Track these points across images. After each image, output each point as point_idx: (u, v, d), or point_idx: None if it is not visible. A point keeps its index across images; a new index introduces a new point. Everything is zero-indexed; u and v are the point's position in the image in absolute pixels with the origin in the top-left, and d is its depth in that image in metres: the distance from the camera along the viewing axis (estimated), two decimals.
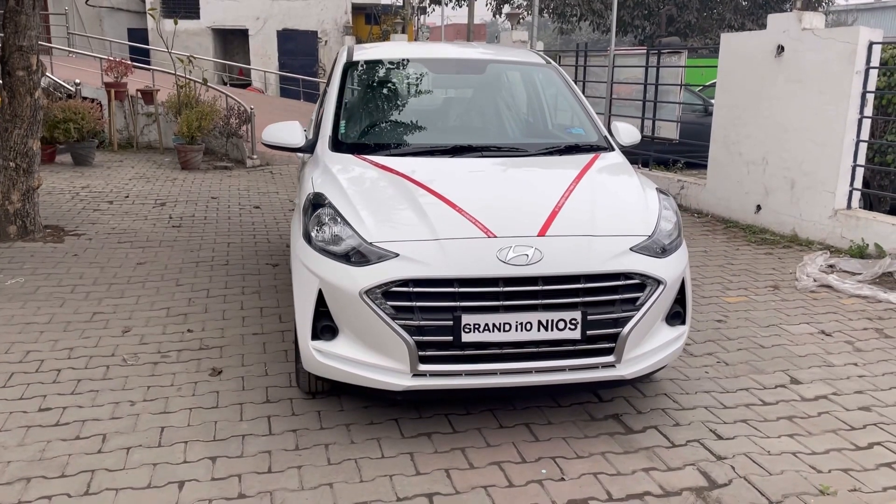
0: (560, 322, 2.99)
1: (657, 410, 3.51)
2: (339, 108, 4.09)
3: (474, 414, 3.42)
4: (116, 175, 9.92)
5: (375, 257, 3.01)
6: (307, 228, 3.27)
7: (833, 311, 5.01)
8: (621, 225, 3.26)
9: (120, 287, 5.19)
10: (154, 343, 4.21)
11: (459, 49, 5.06)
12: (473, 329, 2.95)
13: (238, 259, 5.97)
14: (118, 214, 7.52)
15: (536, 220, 3.16)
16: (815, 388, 3.81)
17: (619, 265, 3.09)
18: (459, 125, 4.45)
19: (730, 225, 7.56)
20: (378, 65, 4.65)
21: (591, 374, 3.13)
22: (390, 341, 2.96)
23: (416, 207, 3.22)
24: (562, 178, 3.58)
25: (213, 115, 10.93)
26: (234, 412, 3.41)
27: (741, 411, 3.53)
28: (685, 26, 23.26)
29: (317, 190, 3.43)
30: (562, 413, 3.46)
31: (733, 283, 5.60)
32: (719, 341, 4.41)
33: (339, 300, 3.04)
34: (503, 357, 3.03)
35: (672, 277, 3.21)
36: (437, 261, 2.97)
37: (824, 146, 6.64)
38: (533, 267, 2.99)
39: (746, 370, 4.00)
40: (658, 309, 3.20)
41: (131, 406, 3.46)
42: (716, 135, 7.91)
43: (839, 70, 6.46)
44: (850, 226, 6.47)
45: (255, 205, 8.29)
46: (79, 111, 10.38)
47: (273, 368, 3.89)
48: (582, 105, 4.36)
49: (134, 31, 22.06)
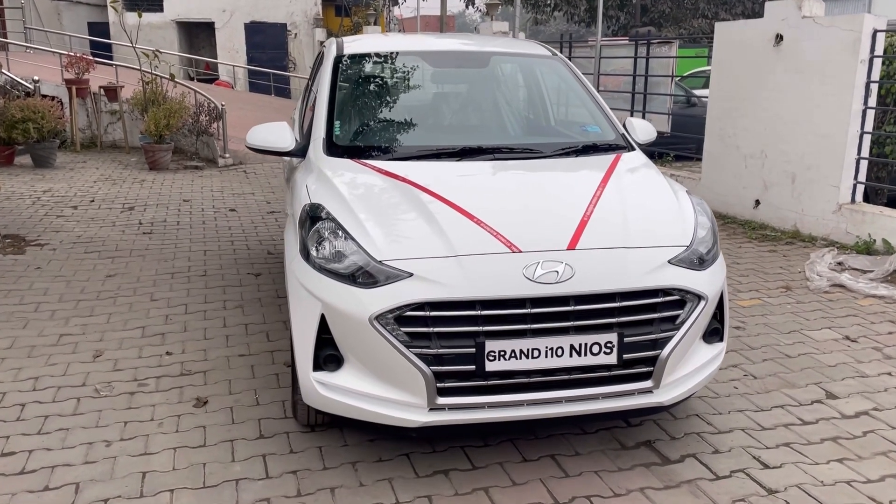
0: (595, 346, 2.67)
1: (692, 435, 3.21)
2: (331, 108, 3.67)
3: (493, 446, 3.08)
4: (80, 177, 9.38)
5: (385, 277, 2.65)
6: (305, 244, 2.89)
7: (852, 313, 4.76)
8: (657, 234, 2.94)
9: (89, 304, 4.75)
10: (129, 369, 3.80)
11: (458, 41, 4.65)
12: (499, 356, 2.61)
13: (216, 268, 5.55)
14: (83, 221, 7.03)
15: (564, 231, 2.83)
16: (854, 403, 3.53)
17: (658, 280, 2.77)
18: (465, 124, 4.07)
19: (727, 220, 7.31)
20: (372, 58, 4.23)
21: (627, 402, 2.81)
22: (404, 372, 2.61)
23: (428, 219, 2.86)
24: (586, 182, 3.25)
25: (181, 112, 10.41)
26: (224, 451, 3.03)
27: (781, 433, 3.24)
28: (659, 16, 23.13)
29: (314, 200, 3.05)
30: (589, 441, 3.14)
31: (743, 284, 5.33)
32: (742, 351, 4.12)
33: (344, 327, 2.68)
34: (531, 386, 2.70)
35: (713, 291, 2.90)
36: (456, 280, 2.62)
37: (827, 138, 6.41)
38: (564, 285, 2.66)
39: (777, 384, 3.72)
40: (698, 327, 2.89)
41: (107, 447, 3.06)
42: (711, 127, 7.64)
43: (842, 59, 6.22)
44: (855, 221, 6.24)
45: (230, 207, 7.84)
46: (38, 110, 9.81)
47: (264, 396, 3.51)
48: (595, 100, 4.01)
49: (95, 26, 21.24)
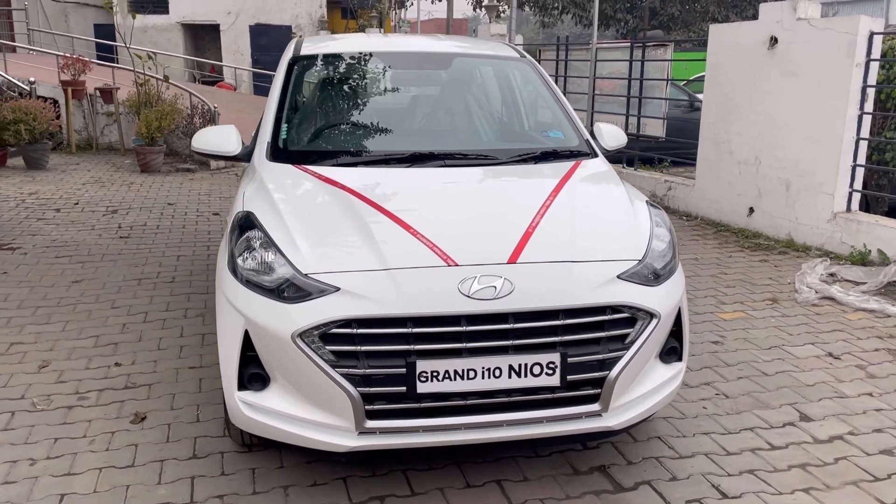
0: (535, 366, 2.49)
1: (650, 460, 3.02)
2: (280, 111, 3.51)
3: (438, 469, 2.91)
4: (70, 179, 9.30)
5: (311, 292, 2.49)
6: (232, 254, 2.73)
7: (839, 328, 4.55)
8: (607, 247, 2.76)
9: (48, 311, 4.62)
10: (73, 381, 3.66)
11: (423, 41, 4.49)
12: (431, 377, 2.44)
13: (185, 275, 5.41)
14: (63, 224, 6.93)
15: (506, 243, 2.65)
16: (829, 426, 3.33)
17: (605, 296, 2.59)
18: (419, 129, 3.89)
19: (721, 228, 7.09)
20: (328, 60, 4.07)
21: (574, 426, 2.63)
22: (330, 393, 2.45)
23: (362, 230, 2.70)
24: (536, 191, 3.07)
25: (173, 114, 10.31)
26: (152, 473, 2.88)
27: (747, 458, 3.04)
28: (668, 19, 22.86)
29: (247, 208, 2.89)
30: (540, 465, 2.96)
31: (728, 296, 5.13)
32: (717, 368, 3.93)
33: (268, 344, 2.52)
34: (468, 409, 2.52)
35: (667, 308, 2.71)
36: (386, 296, 2.46)
37: (822, 145, 6.18)
38: (502, 301, 2.48)
39: (749, 404, 3.52)
40: (651, 346, 2.70)
41: (31, 465, 2.91)
42: (704, 132, 7.43)
43: (838, 63, 6.00)
44: (850, 230, 6.01)
45: (214, 211, 7.72)
46: (30, 111, 9.76)
47: (206, 412, 3.36)
48: (560, 104, 3.83)
49: (101, 28, 21.26)
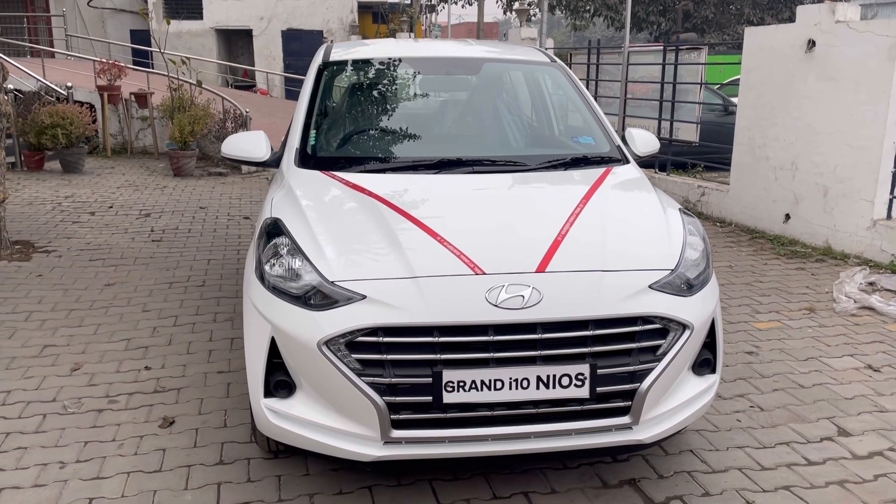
0: (564, 378, 2.44)
1: (682, 474, 2.95)
2: (308, 117, 3.51)
3: (464, 480, 2.87)
4: (105, 183, 9.45)
5: (338, 300, 2.47)
6: (260, 261, 2.73)
7: (879, 339, 4.42)
8: (638, 256, 2.70)
9: (80, 314, 4.68)
10: (104, 384, 3.69)
11: (452, 47, 4.47)
12: (457, 388, 2.40)
13: (216, 279, 5.45)
14: (97, 227, 7.03)
15: (534, 251, 2.61)
16: (868, 441, 3.23)
17: (637, 307, 2.53)
18: (449, 135, 3.86)
19: (756, 235, 6.95)
20: (358, 66, 4.07)
21: (603, 439, 2.57)
22: (356, 402, 2.43)
23: (389, 237, 2.68)
24: (566, 198, 3.02)
25: (206, 118, 10.43)
26: (179, 478, 2.88)
27: (783, 474, 2.96)
28: (702, 22, 22.58)
29: (274, 214, 2.89)
30: (568, 477, 2.90)
31: (763, 305, 5.02)
32: (752, 379, 3.83)
33: (294, 351, 2.51)
34: (495, 420, 2.48)
35: (700, 319, 2.65)
36: (412, 304, 2.43)
37: (861, 150, 6.03)
38: (530, 311, 2.44)
39: (785, 417, 3.43)
40: (683, 358, 2.64)
41: (60, 469, 2.94)
42: (739, 137, 7.30)
43: (878, 66, 5.85)
44: (890, 238, 5.85)
45: (244, 215, 7.77)
46: (66, 116, 9.91)
47: (234, 417, 3.36)
48: (591, 109, 3.78)
49: (137, 33, 21.64)
